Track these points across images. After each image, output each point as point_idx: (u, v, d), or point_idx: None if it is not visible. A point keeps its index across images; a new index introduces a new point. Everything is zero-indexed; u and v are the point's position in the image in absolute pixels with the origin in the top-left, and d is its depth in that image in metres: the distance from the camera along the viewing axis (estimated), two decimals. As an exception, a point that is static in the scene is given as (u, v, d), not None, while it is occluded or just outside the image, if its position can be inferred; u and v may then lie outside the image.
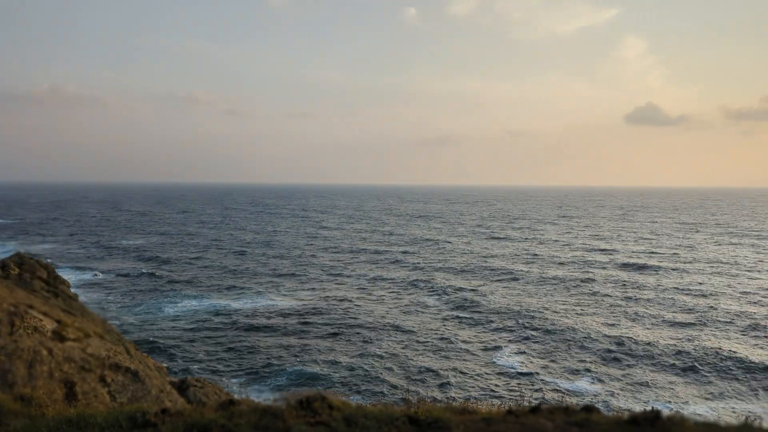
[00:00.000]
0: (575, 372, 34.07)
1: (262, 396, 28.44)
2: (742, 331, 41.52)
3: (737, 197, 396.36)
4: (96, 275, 65.90)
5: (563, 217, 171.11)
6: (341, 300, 53.15)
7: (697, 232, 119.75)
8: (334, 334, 41.59)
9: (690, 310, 48.26)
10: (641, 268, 70.15)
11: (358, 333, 41.99)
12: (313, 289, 58.77)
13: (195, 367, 34.43)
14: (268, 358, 36.34)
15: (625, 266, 71.48)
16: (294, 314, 47.39)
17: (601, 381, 32.62)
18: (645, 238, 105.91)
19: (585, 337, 40.34)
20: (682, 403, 29.09)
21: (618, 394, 30.70)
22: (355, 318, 46.30)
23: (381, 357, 36.74)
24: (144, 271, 67.95)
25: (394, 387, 31.58)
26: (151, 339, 39.82)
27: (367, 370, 34.32)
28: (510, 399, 28.51)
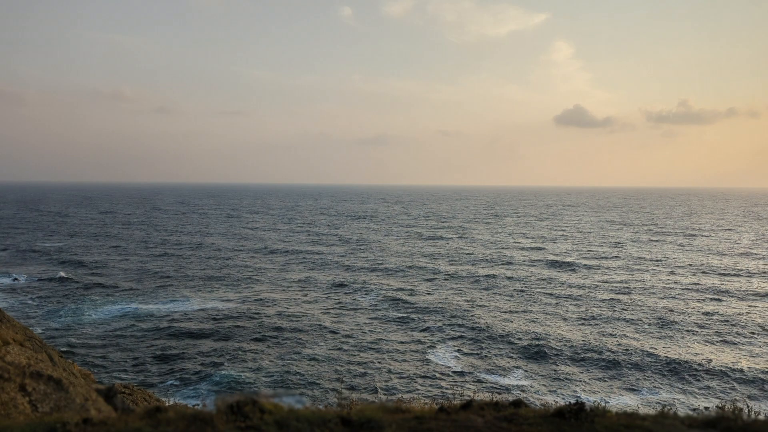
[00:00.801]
0: (505, 368, 34.99)
1: (192, 402, 27.72)
2: (660, 327, 43.75)
3: (658, 196, 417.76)
4: (15, 280, 62.44)
5: (494, 216, 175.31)
6: (273, 302, 52.53)
7: (620, 230, 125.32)
8: (265, 337, 41.04)
9: (612, 306, 50.44)
10: (567, 265, 72.77)
11: (289, 335, 41.60)
12: (244, 291, 57.80)
13: (122, 373, 33.19)
14: (197, 363, 35.47)
15: (552, 264, 73.95)
16: (224, 317, 46.44)
17: (529, 376, 33.64)
18: (571, 236, 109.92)
19: (514, 334, 41.49)
20: (605, 395, 30.38)
21: (545, 388, 31.75)
22: (287, 320, 45.85)
23: (313, 359, 36.55)
24: (66, 274, 64.90)
25: (328, 389, 31.48)
26: (75, 345, 38.12)
27: (299, 373, 34.06)
28: (443, 396, 28.96)
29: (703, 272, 68.00)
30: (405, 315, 47.74)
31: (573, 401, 11.56)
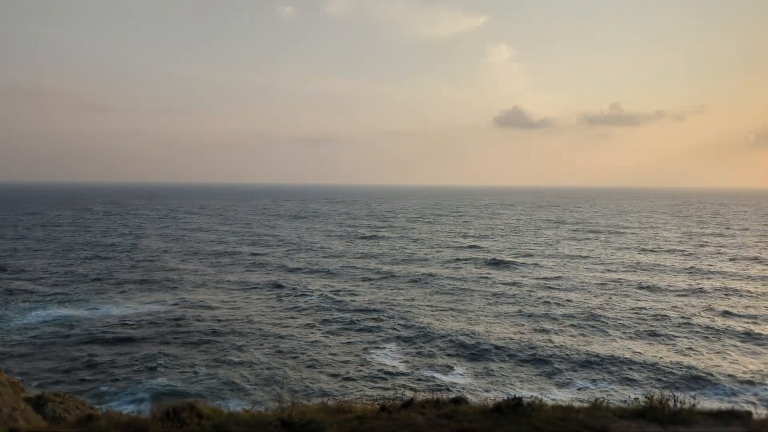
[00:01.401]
0: (446, 366, 35.46)
1: (127, 409, 26.80)
2: (591, 323, 45.33)
3: (592, 195, 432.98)
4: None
5: (435, 215, 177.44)
6: (210, 305, 51.42)
7: (556, 228, 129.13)
8: (203, 341, 40.11)
9: (547, 303, 51.92)
10: (504, 263, 74.44)
11: (227, 339, 40.82)
12: (180, 294, 56.35)
13: (53, 381, 31.74)
14: (132, 370, 34.35)
15: (490, 262, 75.42)
16: (158, 322, 45.14)
17: (469, 374, 34.22)
18: (509, 235, 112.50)
19: (454, 333, 42.10)
20: (542, 390, 31.24)
21: (485, 385, 32.37)
22: (225, 324, 44.99)
23: (253, 362, 36.03)
24: (-12, 279, 61.50)
25: (268, 392, 31.08)
26: (1, 353, 36.20)
27: (238, 377, 33.50)
28: (385, 396, 29.06)
29: (631, 269, 70.87)
30: (345, 315, 47.67)
31: (511, 397, 11.83)
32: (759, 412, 12.22)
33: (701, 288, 58.18)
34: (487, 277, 64.97)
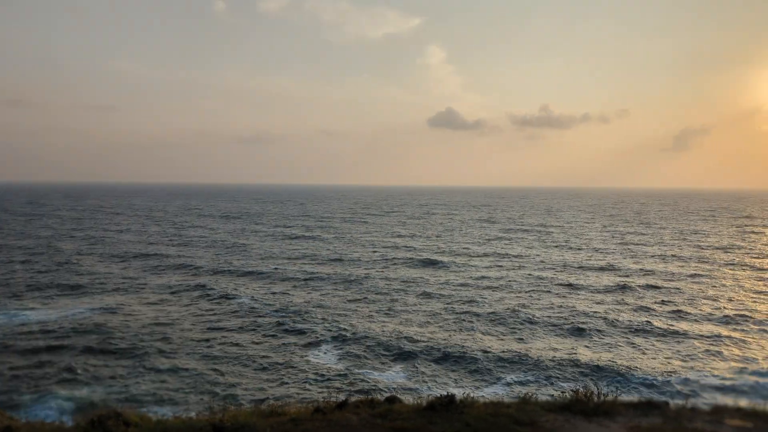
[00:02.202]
0: (382, 366, 35.64)
1: (48, 419, 25.55)
2: (520, 320, 46.63)
3: (523, 195, 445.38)
4: None
5: (371, 215, 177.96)
6: (133, 310, 49.69)
7: (488, 227, 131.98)
8: (128, 348, 38.62)
9: (477, 302, 53.04)
10: (437, 263, 75.52)
11: (152, 345, 39.52)
12: (102, 299, 54.23)
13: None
14: (54, 380, 32.76)
15: (423, 263, 76.33)
16: (79, 328, 43.20)
17: (404, 373, 34.52)
18: (443, 235, 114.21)
19: (389, 333, 42.38)
20: (474, 387, 31.89)
21: (420, 384, 32.74)
22: (151, 329, 43.60)
23: (182, 368, 35.08)
24: None
25: (199, 398, 30.35)
26: None
27: (165, 383, 32.55)
28: (319, 397, 28.92)
29: (557, 267, 73.37)
30: (278, 318, 47.09)
31: (444, 394, 12.04)
32: (675, 402, 12.93)
33: (623, 285, 60.87)
34: (420, 277, 65.72)
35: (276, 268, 71.47)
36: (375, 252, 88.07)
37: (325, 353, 38.11)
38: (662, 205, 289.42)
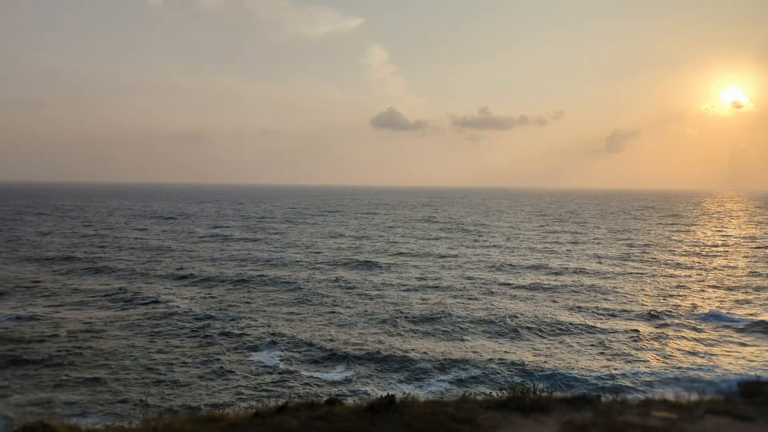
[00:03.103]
0: (321, 369, 35.45)
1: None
2: (458, 322, 47.39)
3: (463, 195, 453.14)
4: None
5: (312, 215, 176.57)
6: (52, 318, 47.41)
7: (428, 228, 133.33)
8: (50, 357, 36.71)
9: (415, 303, 53.57)
10: (374, 264, 75.75)
11: (79, 352, 37.94)
12: (22, 306, 51.67)
13: None
14: (-25, 387, 31.01)
15: (362, 264, 76.39)
16: (3, 337, 41.14)
17: (344, 375, 34.45)
18: (383, 236, 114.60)
19: (328, 335, 42.25)
20: (414, 386, 32.17)
21: (360, 385, 32.75)
22: (74, 336, 41.85)
23: (114, 377, 33.88)
24: None
25: (129, 407, 29.32)
26: None
27: (97, 392, 31.36)
28: (259, 402, 28.53)
29: (494, 267, 74.94)
30: (213, 322, 46.09)
31: (384, 395, 12.09)
32: (606, 397, 13.44)
33: (556, 283, 62.79)
34: (359, 278, 65.78)
35: (211, 271, 69.80)
36: (314, 253, 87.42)
37: (263, 357, 37.57)
38: (596, 204, 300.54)
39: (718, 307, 51.86)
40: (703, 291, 60.22)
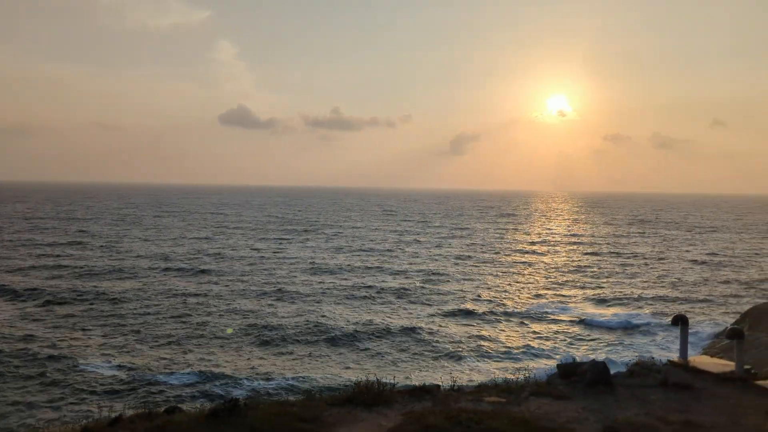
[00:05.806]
0: (160, 374, 33.65)
1: None
2: (310, 329, 47.51)
3: (314, 194, 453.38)
4: None
5: (149, 216, 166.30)
6: None
7: (276, 229, 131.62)
8: None
9: (248, 310, 52.91)
10: (202, 271, 73.54)
11: None
12: None
13: None
14: None
15: (190, 271, 73.71)
16: None
17: (184, 380, 33.00)
18: (213, 237, 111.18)
19: (169, 335, 40.38)
20: (260, 388, 31.67)
21: (203, 390, 31.59)
22: None
23: None
24: None
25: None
26: None
27: None
28: (93, 414, 26.43)
29: (343, 270, 76.02)
30: (37, 330, 42.07)
31: (227, 399, 11.79)
32: (444, 386, 14.26)
33: (402, 286, 65.09)
34: (187, 284, 63.46)
35: (26, 282, 63.27)
36: (139, 260, 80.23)
37: (95, 366, 34.78)
38: (438, 204, 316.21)
39: (549, 300, 56.95)
40: (532, 284, 65.70)
